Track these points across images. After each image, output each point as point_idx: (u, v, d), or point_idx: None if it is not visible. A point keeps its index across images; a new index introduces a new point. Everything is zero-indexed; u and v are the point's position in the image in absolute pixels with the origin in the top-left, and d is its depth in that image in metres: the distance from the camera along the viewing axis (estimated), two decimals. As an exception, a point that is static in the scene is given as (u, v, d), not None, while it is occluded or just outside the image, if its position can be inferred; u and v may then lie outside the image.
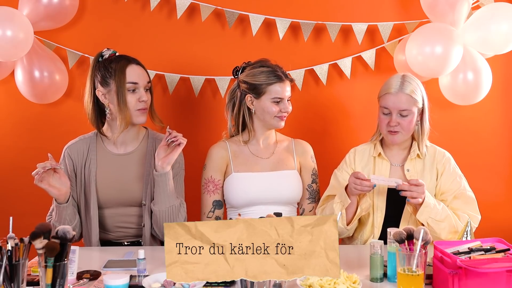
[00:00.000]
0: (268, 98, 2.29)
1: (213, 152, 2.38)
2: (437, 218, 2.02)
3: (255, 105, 2.32)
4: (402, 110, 2.13)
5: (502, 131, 2.86)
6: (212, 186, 2.33)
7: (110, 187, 2.23)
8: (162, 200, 2.15)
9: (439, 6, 2.57)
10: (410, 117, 2.15)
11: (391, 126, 2.15)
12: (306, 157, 2.42)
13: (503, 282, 1.49)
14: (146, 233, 2.24)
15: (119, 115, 2.16)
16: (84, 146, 2.27)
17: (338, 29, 2.74)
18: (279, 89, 2.29)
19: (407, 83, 2.16)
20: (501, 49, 2.58)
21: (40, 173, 1.99)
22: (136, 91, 2.18)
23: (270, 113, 2.30)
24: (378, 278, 1.71)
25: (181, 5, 2.74)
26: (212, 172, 2.35)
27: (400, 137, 2.17)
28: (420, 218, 2.03)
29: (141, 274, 1.70)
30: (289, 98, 2.33)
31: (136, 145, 2.29)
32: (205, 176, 2.36)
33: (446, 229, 2.04)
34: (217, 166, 2.35)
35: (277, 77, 2.29)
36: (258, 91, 2.30)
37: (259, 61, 2.35)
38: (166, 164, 2.13)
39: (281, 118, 2.32)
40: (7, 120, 2.88)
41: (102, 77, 2.18)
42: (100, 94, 2.19)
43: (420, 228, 1.54)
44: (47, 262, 1.45)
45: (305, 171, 2.41)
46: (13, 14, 2.54)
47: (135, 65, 2.20)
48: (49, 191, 2.06)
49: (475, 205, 2.16)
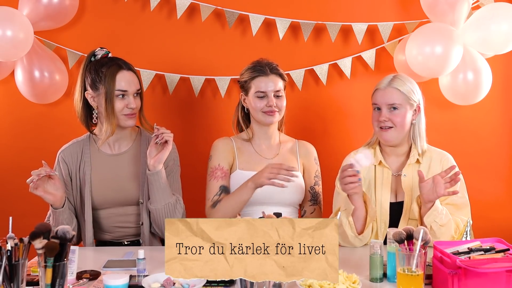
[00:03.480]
0: (253, 93, 2.29)
1: (219, 144, 2.36)
2: (441, 222, 1.99)
3: (247, 102, 2.34)
4: (391, 104, 2.11)
5: (502, 131, 2.86)
6: (221, 173, 2.29)
7: (106, 187, 2.23)
8: (158, 199, 2.15)
9: (439, 6, 2.57)
10: (402, 112, 2.11)
11: (382, 122, 2.12)
12: (309, 159, 2.42)
13: (502, 282, 1.49)
14: (145, 231, 2.24)
15: (106, 122, 2.16)
16: (77, 149, 2.27)
17: (338, 29, 2.75)
18: (260, 83, 2.27)
19: (397, 80, 2.14)
20: (501, 49, 2.58)
21: (35, 180, 1.99)
22: (125, 97, 2.18)
23: (256, 108, 2.28)
24: (377, 278, 1.70)
25: (181, 5, 2.74)
26: (219, 161, 2.31)
27: (393, 134, 2.12)
28: (426, 220, 1.98)
29: (141, 274, 1.70)
30: (276, 92, 2.28)
31: (130, 144, 2.29)
32: (211, 165, 2.32)
33: (445, 234, 2.01)
34: (224, 156, 2.33)
35: (259, 71, 2.28)
36: (245, 88, 2.32)
37: (254, 60, 2.36)
38: (157, 163, 2.13)
39: (268, 113, 2.28)
40: (7, 120, 2.88)
41: (92, 81, 2.18)
42: (89, 96, 2.20)
43: (419, 228, 1.53)
44: (47, 262, 1.44)
45: (308, 173, 2.40)
46: (13, 14, 2.54)
47: (126, 71, 2.18)
48: (44, 197, 2.07)
49: (467, 209, 2.12)
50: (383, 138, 2.15)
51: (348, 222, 2.05)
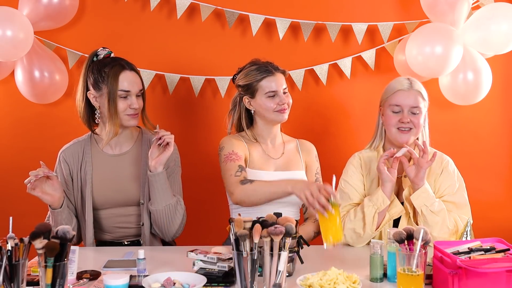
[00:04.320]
0: (262, 94, 2.27)
1: (230, 138, 2.32)
2: (432, 208, 2.00)
3: (253, 105, 2.32)
4: (414, 107, 2.11)
5: (502, 131, 2.86)
6: (235, 156, 2.24)
7: (107, 188, 2.23)
8: (158, 200, 2.15)
9: (439, 6, 2.57)
10: (420, 115, 2.13)
11: (403, 123, 2.11)
12: (311, 157, 2.42)
13: (503, 282, 1.49)
14: (145, 232, 2.24)
15: (109, 122, 2.16)
16: (78, 149, 2.26)
17: (338, 29, 2.75)
18: (270, 83, 2.27)
19: (415, 82, 2.16)
20: (501, 49, 2.58)
21: (33, 181, 1.99)
22: (127, 97, 2.17)
23: (268, 109, 2.27)
24: (378, 278, 1.71)
25: (181, 5, 2.74)
26: (233, 148, 2.27)
27: (411, 136, 2.13)
28: (415, 202, 2.01)
29: (141, 274, 1.69)
30: (284, 90, 2.29)
31: (131, 145, 2.29)
32: (224, 153, 2.26)
33: (439, 224, 2.01)
34: (237, 145, 2.29)
35: (266, 71, 2.27)
36: (251, 90, 2.29)
37: (249, 62, 2.35)
38: (158, 164, 2.12)
39: (281, 111, 2.28)
40: (7, 120, 2.88)
41: (94, 81, 2.17)
42: (91, 96, 2.19)
43: (420, 228, 1.54)
44: (47, 262, 1.44)
45: (309, 170, 2.40)
46: (13, 14, 2.54)
47: (128, 72, 2.18)
48: (42, 198, 2.07)
49: (467, 209, 2.13)
50: (401, 140, 2.13)
51: (373, 218, 2.05)
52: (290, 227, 1.55)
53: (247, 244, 1.53)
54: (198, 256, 1.71)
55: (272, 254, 1.53)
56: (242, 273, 1.54)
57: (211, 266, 1.70)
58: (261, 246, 1.55)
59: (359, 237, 2.10)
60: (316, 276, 1.59)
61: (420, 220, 2.04)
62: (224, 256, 1.72)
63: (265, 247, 1.54)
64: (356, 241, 2.11)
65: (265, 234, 1.53)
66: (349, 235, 2.10)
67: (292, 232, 1.55)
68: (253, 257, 1.53)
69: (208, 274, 1.66)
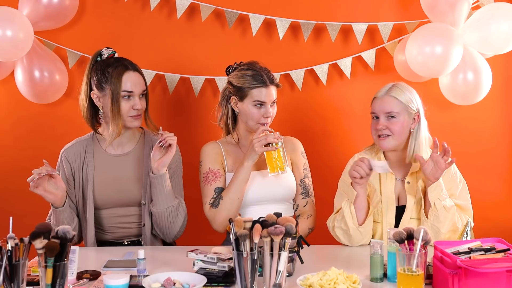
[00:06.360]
0: (250, 101, 2.26)
1: (207, 148, 2.36)
2: (444, 202, 2.01)
3: (239, 107, 2.30)
4: (388, 112, 2.11)
5: (502, 131, 2.86)
6: (212, 176, 2.28)
7: (108, 188, 2.23)
8: (160, 202, 2.15)
9: (439, 6, 2.57)
10: (400, 120, 2.11)
11: (379, 130, 2.12)
12: (296, 153, 2.41)
13: (503, 282, 1.49)
14: (146, 233, 2.24)
15: (112, 123, 2.16)
16: (81, 148, 2.26)
17: (338, 29, 2.74)
18: (261, 94, 2.25)
19: (396, 88, 2.15)
20: (501, 49, 2.58)
21: (36, 179, 1.99)
22: (130, 98, 2.17)
23: (253, 118, 2.26)
24: (378, 278, 1.71)
25: (181, 5, 2.74)
26: (210, 165, 2.31)
27: (390, 142, 2.13)
28: (430, 195, 2.01)
29: (141, 274, 1.69)
30: (273, 101, 2.29)
31: (133, 145, 2.29)
32: (203, 171, 2.32)
33: (448, 220, 2.02)
34: (214, 159, 2.32)
35: (261, 82, 2.25)
36: (241, 94, 2.27)
37: (247, 64, 2.32)
38: (161, 166, 2.12)
39: (263, 125, 2.26)
40: (7, 120, 2.88)
41: (98, 81, 2.17)
42: (94, 96, 2.19)
43: (420, 228, 1.54)
44: (47, 262, 1.44)
45: (296, 167, 2.39)
46: (13, 14, 2.54)
47: (132, 72, 2.18)
48: (45, 196, 2.06)
49: (469, 213, 2.14)
50: (381, 146, 2.16)
51: (350, 211, 2.07)
52: (290, 227, 1.56)
53: (247, 244, 1.53)
54: (198, 256, 1.71)
55: (272, 254, 1.53)
56: (242, 273, 1.54)
57: (211, 266, 1.70)
58: (261, 246, 1.55)
59: (346, 233, 2.10)
60: (316, 276, 1.59)
61: (430, 214, 2.03)
62: (224, 256, 1.72)
63: (265, 247, 1.54)
64: (347, 237, 2.11)
65: (265, 234, 1.53)
66: (339, 233, 2.12)
67: (292, 232, 1.55)
68: (253, 257, 1.53)
69: (208, 274, 1.66)
